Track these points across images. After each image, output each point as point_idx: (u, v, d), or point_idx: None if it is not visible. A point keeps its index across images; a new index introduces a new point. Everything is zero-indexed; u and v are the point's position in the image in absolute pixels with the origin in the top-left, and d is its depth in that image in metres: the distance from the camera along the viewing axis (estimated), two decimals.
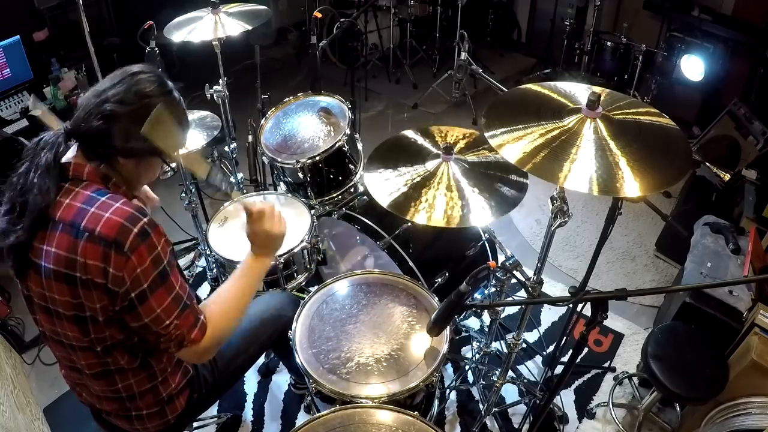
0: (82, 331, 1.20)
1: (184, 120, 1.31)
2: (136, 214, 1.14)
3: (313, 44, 2.29)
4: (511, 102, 1.47)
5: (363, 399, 1.46)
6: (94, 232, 1.10)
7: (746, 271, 2.18)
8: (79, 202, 1.14)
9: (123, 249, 1.10)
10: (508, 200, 1.60)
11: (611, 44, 4.17)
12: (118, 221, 1.11)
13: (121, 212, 1.12)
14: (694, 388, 1.87)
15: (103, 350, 1.24)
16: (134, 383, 1.32)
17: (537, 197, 3.45)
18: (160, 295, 1.16)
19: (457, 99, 4.53)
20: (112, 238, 1.10)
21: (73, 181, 1.17)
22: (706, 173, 2.90)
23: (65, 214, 1.14)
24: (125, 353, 1.27)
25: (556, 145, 1.25)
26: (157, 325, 1.17)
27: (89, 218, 1.12)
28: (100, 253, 1.10)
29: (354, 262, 2.47)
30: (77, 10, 2.41)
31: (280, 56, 5.39)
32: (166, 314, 1.17)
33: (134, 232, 1.11)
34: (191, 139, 2.28)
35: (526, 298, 2.07)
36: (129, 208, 1.14)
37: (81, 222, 1.11)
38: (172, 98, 1.24)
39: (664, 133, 1.31)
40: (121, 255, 1.10)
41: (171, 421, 1.45)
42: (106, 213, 1.12)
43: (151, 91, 1.18)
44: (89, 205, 1.13)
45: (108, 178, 1.21)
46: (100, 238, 1.10)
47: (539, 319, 2.70)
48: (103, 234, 1.10)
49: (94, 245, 1.10)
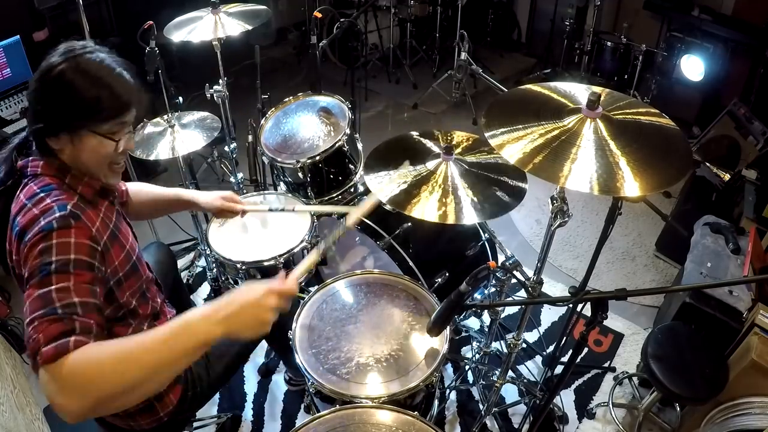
0: None
1: (98, 84, 1.14)
2: (55, 208, 1.08)
3: (313, 44, 2.29)
4: (511, 102, 1.47)
5: (363, 399, 1.46)
6: (19, 227, 1.08)
7: (746, 271, 2.18)
8: (25, 197, 1.13)
9: (24, 238, 1.06)
10: (507, 200, 1.61)
11: (611, 44, 4.17)
12: (36, 215, 1.07)
13: (43, 206, 1.09)
14: (694, 388, 1.87)
15: None
16: None
17: (537, 197, 3.45)
18: (32, 287, 1.01)
19: (457, 99, 4.53)
20: (22, 228, 1.07)
21: (30, 177, 1.16)
22: (706, 173, 2.90)
23: (15, 209, 1.13)
24: None
25: (556, 146, 1.25)
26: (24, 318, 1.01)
27: (23, 214, 1.09)
28: (16, 246, 1.09)
29: (354, 262, 2.47)
30: (77, 10, 2.40)
31: (280, 56, 5.39)
32: (29, 310, 0.99)
33: (40, 224, 1.05)
34: (192, 140, 2.28)
35: (526, 298, 2.07)
36: (52, 203, 1.09)
37: (18, 218, 1.10)
38: (79, 60, 1.13)
39: (664, 133, 1.31)
40: (21, 242, 1.06)
41: (164, 418, 1.44)
42: (34, 208, 1.09)
43: (54, 60, 1.12)
44: (30, 201, 1.11)
45: (65, 170, 1.18)
46: (19, 231, 1.08)
47: (539, 319, 2.70)
48: (21, 227, 1.08)
49: (17, 239, 1.08)
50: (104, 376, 0.94)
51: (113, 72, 1.17)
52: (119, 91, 1.17)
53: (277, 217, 2.22)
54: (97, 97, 1.13)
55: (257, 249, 2.06)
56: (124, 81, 1.19)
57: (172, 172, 3.62)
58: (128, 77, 1.20)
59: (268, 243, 2.08)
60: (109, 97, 1.15)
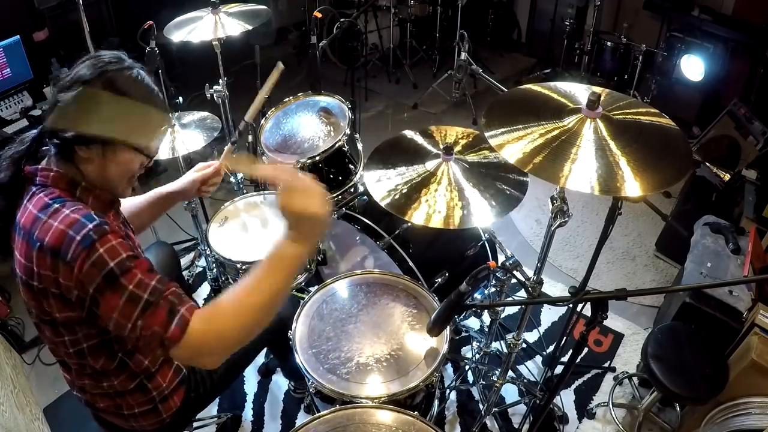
0: (56, 333, 1.20)
1: (139, 99, 1.17)
2: (83, 220, 1.07)
3: (313, 44, 2.29)
4: (511, 102, 1.47)
5: (363, 399, 1.46)
6: (43, 242, 1.07)
7: (746, 271, 2.18)
8: (36, 209, 1.11)
9: (66, 259, 1.05)
10: (508, 200, 1.61)
11: (611, 44, 4.17)
12: (63, 230, 1.06)
13: (68, 220, 1.08)
14: (694, 388, 1.87)
15: (77, 353, 1.22)
16: (117, 383, 1.32)
17: (537, 197, 3.45)
18: (111, 299, 1.06)
19: (457, 99, 4.53)
20: (57, 248, 1.06)
21: (39, 187, 1.15)
22: (706, 173, 2.90)
23: (26, 220, 1.12)
24: (101, 356, 1.25)
25: (556, 146, 1.25)
26: (121, 329, 1.08)
27: (41, 228, 1.08)
28: (50, 264, 1.07)
29: (354, 262, 2.47)
30: (77, 10, 2.40)
31: (280, 56, 5.38)
32: (124, 317, 1.06)
33: (77, 240, 1.05)
34: (192, 140, 2.28)
35: (526, 298, 2.07)
36: (77, 215, 1.08)
37: (35, 231, 1.09)
38: (126, 74, 1.16)
39: (664, 133, 1.31)
40: (65, 265, 1.06)
41: (167, 419, 1.45)
42: (55, 222, 1.08)
43: (88, 73, 1.12)
44: (44, 214, 1.10)
45: (75, 183, 1.17)
46: (48, 248, 1.07)
47: (539, 319, 2.70)
48: (50, 244, 1.06)
49: (43, 255, 1.07)
50: (230, 327, 1.09)
51: (154, 90, 1.21)
52: (160, 107, 1.21)
53: (277, 217, 2.22)
54: (144, 114, 1.17)
55: (257, 249, 2.06)
56: (161, 97, 1.23)
57: (172, 172, 3.62)
58: (159, 92, 1.24)
59: (268, 243, 2.08)
60: (154, 112, 1.19)
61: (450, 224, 1.54)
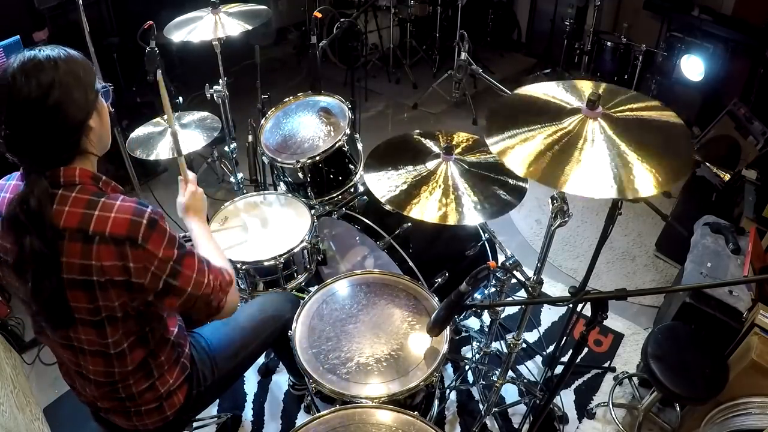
0: (100, 335, 1.21)
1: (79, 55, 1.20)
2: (139, 207, 1.16)
3: (313, 44, 2.29)
4: (510, 108, 1.45)
5: (363, 399, 1.46)
6: (104, 233, 1.11)
7: (746, 271, 2.18)
8: (80, 208, 1.13)
9: (137, 242, 1.13)
10: (508, 199, 1.61)
11: (611, 44, 4.17)
12: (126, 218, 1.13)
13: (125, 209, 1.14)
14: (694, 388, 1.87)
15: (117, 355, 1.26)
16: (133, 384, 1.34)
17: (537, 197, 3.45)
18: (189, 263, 1.23)
19: (457, 99, 4.53)
20: (125, 236, 1.12)
21: (65, 187, 1.14)
22: (706, 173, 2.90)
23: (69, 221, 1.12)
24: (137, 351, 1.30)
25: (558, 149, 1.23)
26: (199, 288, 1.25)
27: (96, 221, 1.11)
28: (116, 253, 1.12)
29: (354, 262, 2.47)
30: (77, 10, 2.40)
31: (280, 56, 5.39)
32: (201, 275, 1.25)
33: (143, 224, 1.14)
34: (192, 140, 2.28)
35: (526, 298, 2.07)
36: (131, 203, 1.16)
37: (89, 227, 1.11)
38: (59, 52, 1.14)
39: (666, 131, 1.30)
40: (137, 248, 1.13)
41: (170, 417, 1.45)
42: (111, 213, 1.13)
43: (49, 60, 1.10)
44: (92, 209, 1.13)
45: (97, 177, 1.20)
46: (112, 238, 1.11)
47: (539, 319, 2.70)
48: (115, 234, 1.11)
49: (107, 246, 1.11)
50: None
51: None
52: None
53: (277, 217, 2.22)
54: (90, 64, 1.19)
55: (257, 249, 2.06)
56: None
57: (172, 172, 3.62)
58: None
59: (268, 243, 2.08)
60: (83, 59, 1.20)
61: (449, 221, 1.54)
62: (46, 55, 1.10)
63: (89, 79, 1.16)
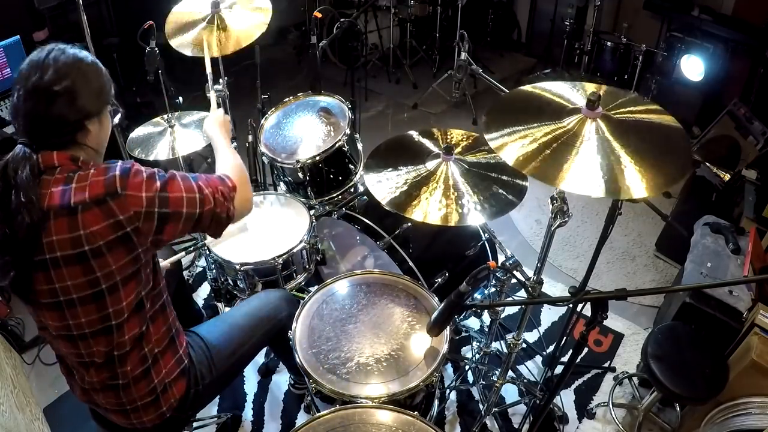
0: (99, 308, 1.23)
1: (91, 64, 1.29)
2: (109, 165, 1.21)
3: (313, 44, 2.29)
4: (510, 105, 1.46)
5: (363, 399, 1.47)
6: (85, 200, 1.15)
7: (746, 271, 2.18)
8: (59, 186, 1.17)
9: (117, 193, 1.17)
10: (509, 198, 1.61)
11: (611, 44, 4.17)
12: (101, 179, 1.17)
13: (98, 172, 1.19)
14: (694, 388, 1.87)
15: (117, 326, 1.27)
16: (130, 368, 1.34)
17: (537, 197, 3.45)
18: (173, 186, 1.25)
19: (457, 99, 4.53)
20: (104, 192, 1.16)
21: (47, 172, 1.19)
22: (706, 173, 2.90)
23: (52, 201, 1.16)
24: (136, 320, 1.31)
25: (556, 147, 1.24)
26: (194, 206, 1.26)
27: (75, 193, 1.16)
28: (101, 214, 1.16)
29: (354, 262, 2.47)
30: (77, 10, 2.40)
31: (280, 56, 5.38)
32: (191, 191, 1.27)
33: (117, 176, 1.18)
34: (192, 140, 2.28)
35: (526, 298, 2.07)
36: (102, 166, 1.21)
37: (70, 200, 1.15)
38: (76, 52, 1.24)
39: (665, 133, 1.30)
40: (119, 198, 1.17)
41: (167, 413, 1.44)
42: (86, 181, 1.17)
43: (67, 57, 1.21)
44: (69, 184, 1.17)
45: (75, 158, 1.23)
46: (93, 201, 1.15)
47: (539, 319, 2.70)
48: (95, 195, 1.16)
49: (91, 211, 1.15)
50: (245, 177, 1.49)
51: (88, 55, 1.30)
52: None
53: (276, 218, 2.22)
54: (99, 72, 1.28)
55: (257, 249, 2.06)
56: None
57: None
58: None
59: (268, 243, 2.08)
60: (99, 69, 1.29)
61: (450, 222, 1.54)
62: (74, 52, 1.22)
63: (101, 86, 1.25)
